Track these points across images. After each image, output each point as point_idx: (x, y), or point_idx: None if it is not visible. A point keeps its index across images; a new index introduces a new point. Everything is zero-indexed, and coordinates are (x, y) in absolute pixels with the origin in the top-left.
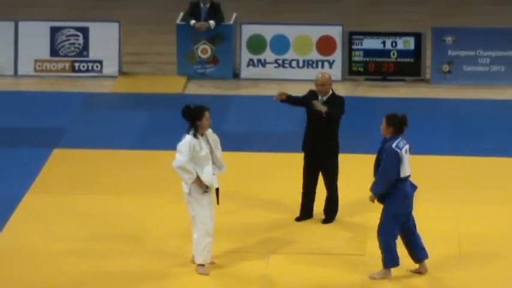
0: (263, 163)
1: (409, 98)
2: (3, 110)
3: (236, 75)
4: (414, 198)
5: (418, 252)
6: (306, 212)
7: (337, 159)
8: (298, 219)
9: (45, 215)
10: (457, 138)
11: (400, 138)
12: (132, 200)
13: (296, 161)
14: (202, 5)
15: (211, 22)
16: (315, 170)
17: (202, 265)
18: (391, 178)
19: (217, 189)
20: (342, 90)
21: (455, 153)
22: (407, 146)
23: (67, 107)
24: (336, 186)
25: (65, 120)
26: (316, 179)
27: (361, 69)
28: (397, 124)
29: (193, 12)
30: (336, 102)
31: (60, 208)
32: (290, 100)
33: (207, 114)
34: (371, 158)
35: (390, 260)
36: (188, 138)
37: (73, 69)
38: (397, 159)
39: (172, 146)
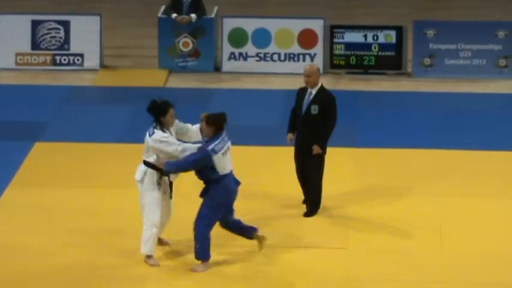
0: (244, 157)
1: (390, 91)
2: None
3: (217, 69)
4: (397, 190)
5: (247, 231)
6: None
7: (323, 155)
8: (304, 201)
9: (27, 209)
10: (438, 131)
11: (219, 139)
12: (114, 193)
13: (277, 154)
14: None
15: (193, 15)
16: (302, 161)
17: (149, 256)
18: (187, 168)
19: (171, 184)
20: (323, 83)
21: (437, 147)
22: (228, 144)
23: (48, 100)
24: (321, 181)
25: (46, 113)
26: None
27: (342, 62)
28: (217, 123)
29: (175, 5)
30: (325, 100)
31: (42, 202)
32: (294, 127)
33: (171, 111)
34: (354, 151)
35: (203, 252)
36: (160, 132)
37: (54, 63)
38: (208, 162)
39: None
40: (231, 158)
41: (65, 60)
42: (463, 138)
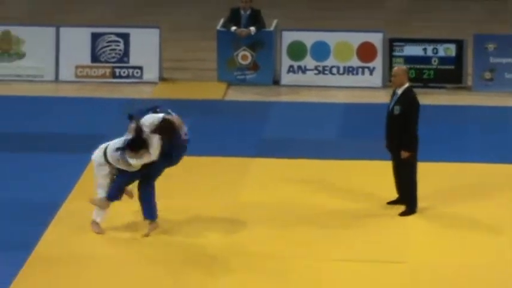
0: (302, 170)
1: (450, 105)
2: (44, 115)
3: (276, 82)
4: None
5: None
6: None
7: (412, 153)
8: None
9: (85, 221)
10: (500, 146)
11: None
12: (170, 204)
13: (332, 168)
14: (242, 12)
15: (252, 28)
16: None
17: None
18: None
19: None
20: (382, 96)
21: (498, 161)
22: None
23: (107, 113)
24: (411, 179)
25: (104, 126)
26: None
27: None
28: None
29: (234, 18)
30: (407, 101)
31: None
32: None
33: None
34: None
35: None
36: None
37: (113, 75)
38: None
39: (211, 151)
40: None
41: (124, 72)
42: None
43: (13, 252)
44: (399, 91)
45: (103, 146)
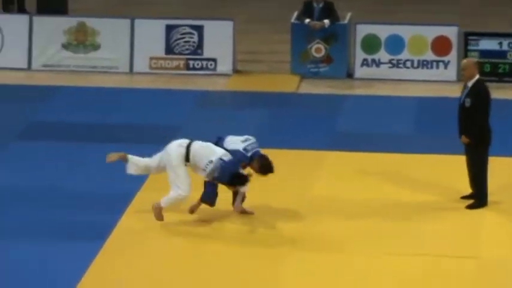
0: (376, 164)
1: None
2: (118, 107)
3: (350, 75)
4: None
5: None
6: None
7: (481, 148)
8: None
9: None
10: None
11: None
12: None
13: (406, 162)
14: (315, 4)
15: (326, 21)
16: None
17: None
18: None
19: None
20: (457, 91)
21: None
22: None
23: (181, 104)
24: (482, 173)
25: (179, 117)
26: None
27: None
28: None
29: (307, 11)
30: (478, 94)
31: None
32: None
33: None
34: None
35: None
36: None
37: (187, 67)
38: None
39: (285, 144)
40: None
41: (198, 64)
42: None
43: (86, 244)
44: (470, 84)
45: (183, 143)
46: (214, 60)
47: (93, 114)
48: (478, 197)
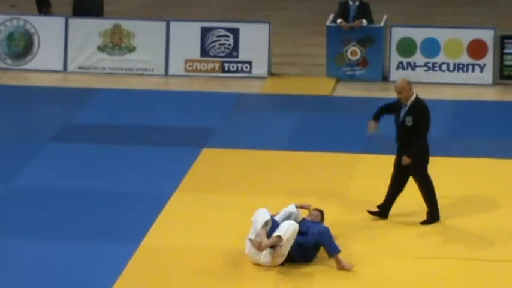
0: None
1: None
2: (154, 109)
3: (385, 78)
4: None
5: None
6: (381, 210)
7: (424, 164)
8: (371, 212)
9: (192, 213)
10: None
11: None
12: (279, 200)
13: (443, 165)
14: (351, 3)
15: (364, 21)
16: (400, 172)
17: None
18: None
19: None
20: (492, 94)
21: None
22: None
23: (216, 107)
24: (429, 190)
25: (214, 120)
26: (400, 181)
27: None
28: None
29: (342, 10)
30: (418, 112)
31: (208, 206)
32: (379, 116)
33: None
34: None
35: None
36: None
37: (223, 70)
38: None
39: (320, 147)
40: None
41: (233, 67)
42: None
43: (122, 245)
44: (408, 103)
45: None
46: (249, 63)
47: (129, 117)
48: (431, 212)
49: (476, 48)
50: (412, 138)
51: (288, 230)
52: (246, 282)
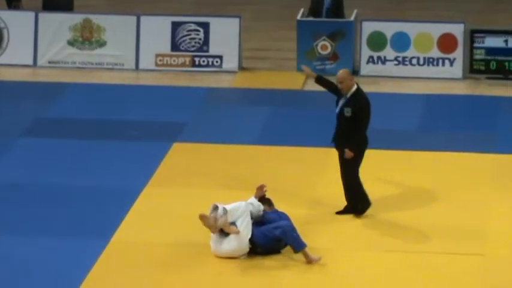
0: (380, 161)
1: None
2: (125, 103)
3: (356, 72)
4: None
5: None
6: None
7: (356, 159)
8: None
9: (163, 208)
10: None
11: None
12: (249, 195)
13: (412, 159)
14: None
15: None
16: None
17: None
18: None
19: None
20: (462, 88)
21: None
22: None
23: (187, 101)
24: (355, 182)
25: (185, 114)
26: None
27: (482, 67)
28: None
29: (316, 5)
30: (357, 104)
31: (178, 201)
32: (321, 81)
33: None
34: (494, 157)
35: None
36: None
37: (193, 64)
38: None
39: (291, 142)
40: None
41: (204, 61)
42: None
43: (92, 240)
44: (349, 94)
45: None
46: (220, 57)
47: (99, 111)
48: (354, 206)
49: (446, 43)
50: (350, 130)
51: (236, 209)
52: (215, 277)
